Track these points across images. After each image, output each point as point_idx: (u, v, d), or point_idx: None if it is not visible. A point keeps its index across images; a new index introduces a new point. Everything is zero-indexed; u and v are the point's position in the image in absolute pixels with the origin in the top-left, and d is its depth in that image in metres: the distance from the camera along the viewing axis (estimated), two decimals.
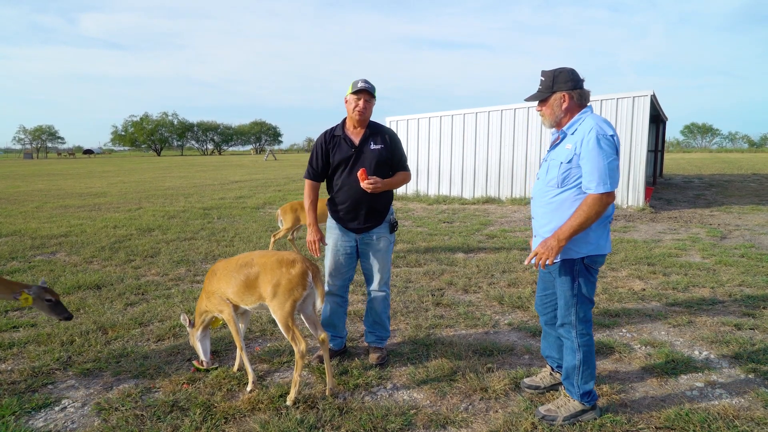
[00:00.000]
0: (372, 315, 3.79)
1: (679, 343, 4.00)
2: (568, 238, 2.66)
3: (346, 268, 3.71)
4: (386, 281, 3.74)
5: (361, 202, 3.56)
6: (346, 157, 3.56)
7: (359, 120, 3.53)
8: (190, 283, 5.86)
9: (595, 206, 2.61)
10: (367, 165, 3.52)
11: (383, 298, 3.75)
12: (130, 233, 8.90)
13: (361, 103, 3.46)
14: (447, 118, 13.71)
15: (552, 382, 3.25)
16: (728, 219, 10.23)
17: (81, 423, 2.98)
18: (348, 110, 3.55)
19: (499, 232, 8.93)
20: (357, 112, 3.49)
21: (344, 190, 3.59)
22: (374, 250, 3.67)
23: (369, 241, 3.66)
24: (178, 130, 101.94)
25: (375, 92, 3.52)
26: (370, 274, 3.73)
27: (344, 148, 3.58)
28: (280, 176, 24.45)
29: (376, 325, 3.79)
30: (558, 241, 2.67)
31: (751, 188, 16.37)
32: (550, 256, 2.69)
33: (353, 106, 3.48)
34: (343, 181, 3.60)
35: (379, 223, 3.66)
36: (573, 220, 2.64)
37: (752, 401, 3.11)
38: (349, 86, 3.54)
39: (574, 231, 2.64)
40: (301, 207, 7.06)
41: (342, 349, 3.87)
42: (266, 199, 14.23)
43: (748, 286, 5.45)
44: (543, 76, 2.84)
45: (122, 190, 17.29)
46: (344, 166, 3.58)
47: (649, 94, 11.28)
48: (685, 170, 26.31)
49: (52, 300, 3.47)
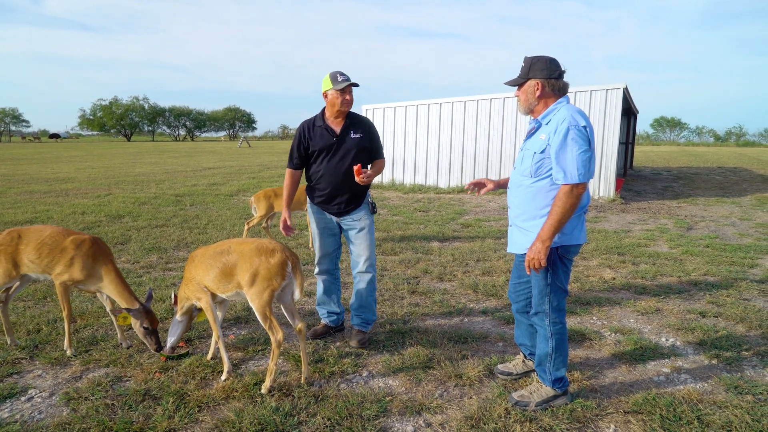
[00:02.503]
0: (359, 299, 3.84)
1: (647, 331, 4.11)
2: (551, 237, 2.66)
3: (332, 246, 3.89)
4: (372, 262, 3.80)
5: (341, 188, 3.69)
6: (329, 145, 3.67)
7: (344, 111, 3.65)
8: (162, 270, 5.75)
9: (568, 198, 2.61)
10: (347, 152, 3.65)
11: (369, 280, 3.81)
12: (100, 220, 8.68)
13: (348, 96, 3.59)
14: (423, 107, 13.71)
15: (524, 370, 3.31)
16: (694, 210, 10.53)
17: (49, 413, 2.91)
18: (333, 104, 3.61)
19: (473, 221, 9.00)
20: (345, 105, 3.60)
21: (325, 176, 3.70)
22: (357, 230, 3.77)
23: (351, 222, 3.78)
24: (149, 115, 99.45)
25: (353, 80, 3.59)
26: (356, 255, 3.81)
27: (326, 136, 3.67)
28: (254, 163, 24.14)
29: (362, 308, 3.84)
30: (542, 242, 2.67)
31: (716, 181, 16.87)
32: (541, 259, 2.69)
33: (340, 101, 3.57)
34: (324, 168, 3.70)
35: (359, 205, 3.77)
36: (551, 217, 2.64)
37: (715, 386, 3.23)
38: (326, 80, 3.57)
39: (555, 228, 2.64)
40: (275, 194, 6.99)
41: (339, 326, 3.99)
42: (240, 186, 14.04)
43: (713, 275, 5.63)
44: (524, 62, 2.85)
45: (91, 176, 16.83)
46: (326, 154, 3.69)
47: (621, 87, 11.48)
48: (654, 163, 26.94)
49: (148, 329, 3.48)
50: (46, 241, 3.50)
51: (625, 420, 2.84)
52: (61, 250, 3.48)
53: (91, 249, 3.52)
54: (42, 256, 3.47)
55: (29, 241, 3.52)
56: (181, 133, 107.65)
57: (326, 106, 3.67)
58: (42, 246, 3.48)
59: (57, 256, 3.47)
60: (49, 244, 3.49)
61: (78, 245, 3.49)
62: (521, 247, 2.90)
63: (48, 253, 3.48)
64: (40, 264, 3.49)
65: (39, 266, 3.50)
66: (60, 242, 3.50)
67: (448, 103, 13.44)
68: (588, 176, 2.63)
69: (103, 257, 3.55)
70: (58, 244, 3.49)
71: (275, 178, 16.86)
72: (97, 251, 3.55)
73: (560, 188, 2.64)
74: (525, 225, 2.85)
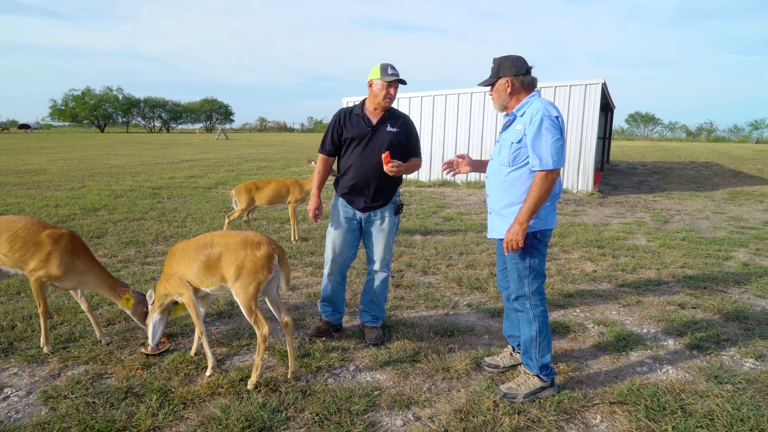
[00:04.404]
0: (370, 294, 3.83)
1: (629, 322, 4.17)
2: (528, 220, 2.80)
3: (349, 246, 3.76)
4: (388, 262, 3.79)
5: (370, 180, 3.59)
6: (362, 134, 3.58)
7: (386, 106, 3.56)
8: (141, 264, 5.63)
9: (544, 184, 2.75)
10: (381, 145, 3.55)
11: (384, 279, 3.81)
12: (74, 213, 8.45)
13: (392, 91, 3.49)
14: (404, 100, 13.67)
15: (512, 363, 3.33)
16: (670, 204, 10.74)
17: (26, 412, 2.82)
18: (375, 95, 3.52)
19: (455, 214, 9.03)
20: (387, 100, 3.51)
21: (355, 166, 3.60)
22: (378, 230, 3.71)
23: (374, 220, 3.70)
24: (124, 105, 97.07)
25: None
26: (372, 253, 3.77)
27: (361, 125, 3.59)
28: (233, 156, 23.81)
29: (372, 304, 3.84)
30: (520, 224, 2.80)
31: (689, 175, 17.24)
32: (518, 240, 2.80)
33: (384, 94, 3.48)
34: (354, 158, 3.61)
35: (386, 203, 3.69)
36: (527, 202, 2.78)
37: (696, 375, 3.30)
38: (376, 69, 3.48)
39: (532, 212, 2.78)
40: (256, 187, 6.90)
41: (339, 325, 3.95)
42: (219, 179, 13.83)
43: (690, 267, 5.75)
44: (493, 63, 2.99)
45: (63, 168, 16.37)
46: (357, 143, 3.60)
47: (600, 83, 11.62)
48: (630, 157, 27.41)
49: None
50: (20, 234, 3.34)
51: (611, 411, 2.88)
52: (35, 244, 3.32)
53: (70, 244, 3.40)
54: (14, 250, 3.31)
55: (0, 232, 3.37)
56: (156, 124, 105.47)
57: (369, 96, 3.59)
58: (14, 239, 3.32)
59: (31, 250, 3.32)
60: (23, 237, 3.33)
61: (55, 240, 3.35)
62: (501, 232, 2.99)
63: (21, 247, 3.32)
64: (11, 258, 3.34)
65: (10, 260, 3.35)
66: (35, 236, 3.34)
67: (429, 97, 13.43)
68: (561, 163, 2.78)
69: (82, 252, 3.44)
70: (32, 237, 3.34)
71: (255, 170, 16.65)
72: (76, 246, 3.43)
73: (536, 174, 2.77)
74: (504, 212, 2.95)
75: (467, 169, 3.24)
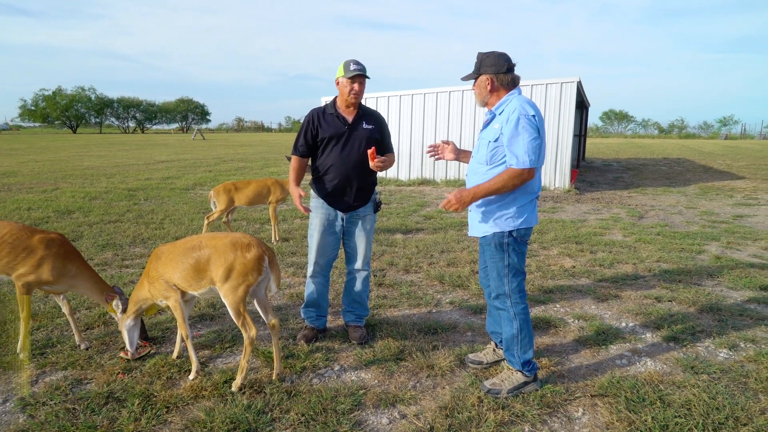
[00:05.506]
0: (352, 294, 3.84)
1: (608, 316, 4.26)
2: (480, 198, 2.86)
3: (332, 247, 3.76)
4: (368, 260, 3.81)
5: (352, 179, 3.58)
6: (339, 133, 3.57)
7: (354, 102, 3.57)
8: (119, 267, 5.53)
9: (513, 179, 2.79)
10: (360, 143, 3.57)
11: (365, 277, 3.83)
12: (47, 215, 8.26)
13: (356, 86, 3.49)
14: (383, 99, 13.68)
15: (495, 359, 3.36)
16: (644, 200, 10.97)
17: (3, 420, 2.75)
18: (342, 93, 3.54)
19: (435, 213, 9.08)
20: (353, 96, 3.51)
21: (335, 166, 3.58)
22: (360, 229, 3.73)
23: (355, 220, 3.71)
24: (96, 106, 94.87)
25: (367, 72, 3.52)
26: (354, 253, 3.78)
27: (338, 124, 3.58)
28: (210, 156, 23.52)
29: (355, 303, 3.85)
30: (473, 197, 2.86)
31: (662, 171, 17.63)
32: (458, 208, 2.88)
33: (348, 90, 3.49)
34: (334, 157, 3.58)
35: (366, 202, 3.71)
36: (491, 184, 2.82)
37: (673, 367, 3.38)
38: (340, 68, 3.52)
39: (487, 194, 2.84)
40: (235, 188, 6.84)
41: (324, 328, 3.92)
42: (196, 179, 13.66)
43: (665, 261, 5.89)
44: (476, 58, 3.01)
45: (35, 170, 15.97)
46: (336, 142, 3.58)
47: (575, 81, 11.81)
48: (604, 154, 27.89)
49: None
50: (6, 239, 3.25)
51: (592, 403, 2.94)
52: (24, 250, 3.25)
53: (62, 248, 3.34)
54: (1, 256, 3.24)
55: None
56: (130, 125, 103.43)
57: (338, 94, 3.61)
58: (1, 245, 3.25)
59: (21, 256, 3.25)
60: (10, 243, 3.25)
61: (47, 245, 3.29)
62: (481, 230, 3.02)
63: (8, 253, 3.24)
64: None
65: None
66: (23, 241, 3.27)
67: (408, 96, 13.47)
68: (538, 162, 2.80)
69: (74, 255, 3.38)
70: (20, 243, 3.26)
71: (233, 171, 16.48)
72: (69, 250, 3.37)
73: (511, 168, 2.79)
74: (483, 209, 2.98)
75: (451, 156, 3.30)
